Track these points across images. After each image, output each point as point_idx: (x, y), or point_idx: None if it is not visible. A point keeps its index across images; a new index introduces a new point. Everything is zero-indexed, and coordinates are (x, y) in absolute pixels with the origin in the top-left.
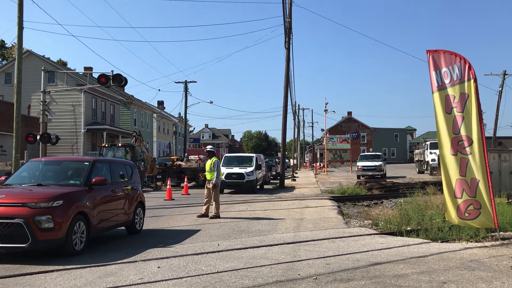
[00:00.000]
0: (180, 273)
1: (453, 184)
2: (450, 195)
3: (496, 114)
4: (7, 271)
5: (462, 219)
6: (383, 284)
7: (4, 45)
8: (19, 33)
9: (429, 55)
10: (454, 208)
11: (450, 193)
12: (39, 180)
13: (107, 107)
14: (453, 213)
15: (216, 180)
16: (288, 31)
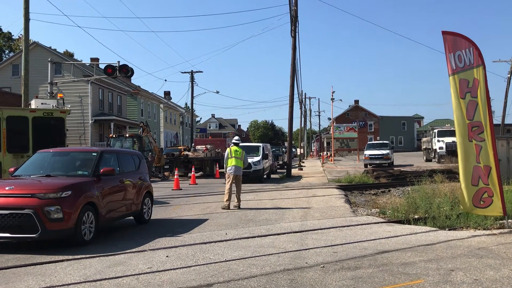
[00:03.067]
0: (188, 262)
1: (471, 172)
2: (466, 182)
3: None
4: (18, 261)
5: (476, 207)
6: (391, 272)
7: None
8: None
9: (445, 37)
10: (470, 196)
11: (467, 181)
12: (47, 171)
13: (114, 98)
14: (468, 202)
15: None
16: (294, 19)
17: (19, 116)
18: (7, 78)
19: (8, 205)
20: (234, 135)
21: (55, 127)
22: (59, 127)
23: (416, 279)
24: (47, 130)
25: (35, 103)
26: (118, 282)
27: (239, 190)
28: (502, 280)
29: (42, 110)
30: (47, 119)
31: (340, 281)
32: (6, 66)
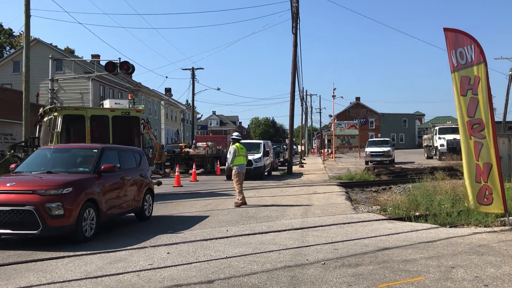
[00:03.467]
0: (189, 259)
1: (474, 169)
2: (470, 180)
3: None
4: (19, 257)
5: (481, 204)
6: (392, 269)
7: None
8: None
9: (446, 34)
10: (474, 193)
11: (472, 178)
12: (48, 168)
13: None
14: (473, 199)
15: (227, 165)
16: (295, 16)
17: (101, 115)
18: (8, 74)
19: (10, 201)
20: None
21: (131, 125)
22: (135, 125)
23: (417, 276)
24: (124, 127)
25: (110, 103)
26: (119, 279)
27: None
28: (503, 278)
29: (121, 110)
30: (124, 118)
31: (340, 277)
32: (7, 63)
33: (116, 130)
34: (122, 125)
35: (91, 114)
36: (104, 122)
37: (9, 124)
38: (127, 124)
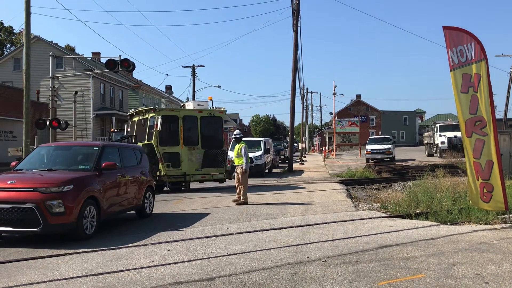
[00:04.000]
0: (190, 256)
1: (472, 167)
2: (472, 177)
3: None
4: (20, 254)
5: (483, 201)
6: (392, 266)
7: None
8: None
9: (446, 32)
10: (478, 190)
11: (472, 175)
12: (49, 165)
13: (115, 92)
14: (477, 196)
15: (245, 165)
16: (295, 13)
17: (191, 115)
18: (8, 72)
19: (10, 199)
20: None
21: (215, 124)
22: (219, 124)
23: (418, 274)
24: (210, 127)
25: (193, 105)
26: (120, 276)
27: None
28: (503, 275)
29: (207, 111)
30: (210, 118)
31: (341, 275)
32: (7, 60)
33: (203, 129)
34: (208, 124)
35: (183, 114)
36: (194, 121)
37: (10, 122)
38: (212, 123)
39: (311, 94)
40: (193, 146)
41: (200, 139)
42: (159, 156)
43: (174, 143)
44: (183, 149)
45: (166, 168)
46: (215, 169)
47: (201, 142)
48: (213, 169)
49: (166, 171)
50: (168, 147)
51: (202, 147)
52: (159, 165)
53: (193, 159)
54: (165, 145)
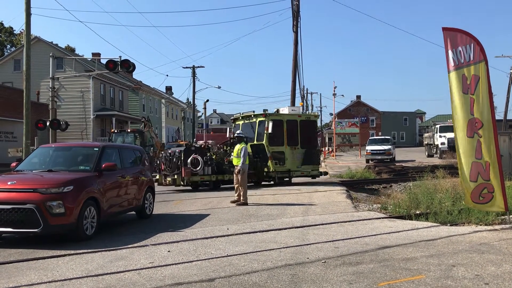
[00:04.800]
0: (190, 257)
1: (469, 167)
2: (464, 178)
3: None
4: (21, 255)
5: (476, 203)
6: (392, 267)
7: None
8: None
9: (445, 33)
10: (469, 192)
11: (465, 176)
12: (49, 166)
13: (115, 93)
14: (468, 197)
15: (242, 166)
16: (296, 14)
17: (293, 119)
18: (9, 73)
19: (11, 200)
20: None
21: (311, 127)
22: (314, 126)
23: (418, 275)
24: (307, 129)
25: (288, 110)
26: (120, 277)
27: None
28: (503, 276)
29: (305, 115)
30: (307, 121)
31: (341, 276)
32: (8, 61)
33: (302, 130)
34: (306, 127)
35: (286, 119)
36: (295, 124)
37: (10, 122)
38: (308, 126)
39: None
40: (294, 146)
41: (300, 140)
42: (269, 154)
43: (280, 143)
44: (287, 149)
45: (274, 165)
46: (311, 166)
47: (301, 142)
48: (310, 166)
49: (275, 168)
50: (275, 147)
51: (301, 147)
52: (268, 162)
53: (295, 158)
54: (273, 145)
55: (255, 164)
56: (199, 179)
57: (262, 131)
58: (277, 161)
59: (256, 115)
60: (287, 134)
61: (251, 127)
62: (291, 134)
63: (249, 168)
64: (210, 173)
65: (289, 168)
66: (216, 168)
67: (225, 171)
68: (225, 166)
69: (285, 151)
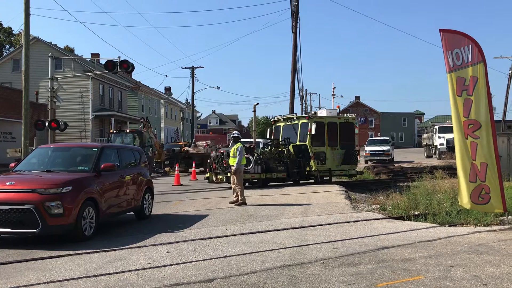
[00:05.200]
0: (188, 258)
1: (469, 168)
2: (465, 179)
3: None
4: (19, 256)
5: (475, 203)
6: (391, 268)
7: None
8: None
9: (442, 35)
10: (468, 192)
11: (465, 177)
12: (48, 167)
13: (114, 93)
14: (466, 198)
15: (235, 166)
16: (295, 15)
17: (333, 122)
18: (7, 73)
19: (9, 200)
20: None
21: (349, 128)
22: (352, 128)
23: (416, 275)
24: (346, 130)
25: (326, 112)
26: (119, 278)
27: None
28: (502, 277)
29: (344, 117)
30: (346, 123)
31: (340, 277)
32: (6, 61)
33: (341, 132)
34: (344, 128)
35: (327, 121)
36: (334, 126)
37: (9, 123)
38: (347, 128)
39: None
40: (334, 147)
41: (339, 141)
42: (312, 154)
43: (321, 144)
44: (328, 149)
45: (316, 165)
46: (349, 166)
47: (340, 143)
48: (348, 166)
49: (316, 167)
50: (317, 147)
51: (341, 148)
52: (310, 161)
53: (334, 158)
54: (315, 145)
55: (298, 163)
56: (250, 177)
57: (304, 132)
58: (319, 160)
59: (298, 117)
60: (328, 135)
61: (292, 129)
62: (331, 135)
63: (293, 167)
64: (260, 172)
65: (329, 168)
66: (264, 167)
67: (272, 170)
68: (272, 165)
69: (326, 151)
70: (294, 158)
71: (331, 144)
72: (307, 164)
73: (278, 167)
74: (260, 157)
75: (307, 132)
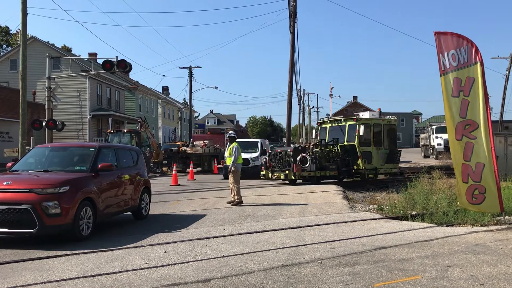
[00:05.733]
0: (186, 258)
1: (460, 169)
2: (459, 179)
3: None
4: (16, 256)
5: (470, 203)
6: (388, 268)
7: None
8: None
9: (437, 37)
10: (464, 192)
11: (459, 177)
12: (45, 166)
13: (112, 93)
14: (463, 197)
15: (231, 165)
16: (292, 15)
17: (378, 123)
18: (4, 73)
19: (6, 200)
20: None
21: (392, 130)
22: (394, 129)
23: (413, 275)
24: (389, 131)
25: (368, 114)
26: (116, 278)
27: None
28: (498, 277)
29: (387, 120)
30: (389, 125)
31: (337, 276)
32: (3, 61)
33: (385, 133)
34: (388, 130)
35: (373, 122)
36: (379, 127)
37: (6, 122)
38: (390, 129)
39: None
40: (379, 147)
41: (383, 141)
42: (359, 154)
43: (368, 144)
44: (373, 149)
45: (363, 163)
46: (392, 165)
47: (384, 143)
48: (391, 165)
49: (364, 166)
50: (364, 147)
51: (385, 148)
52: (358, 160)
53: (379, 157)
54: (362, 146)
55: (347, 162)
56: (306, 174)
57: (351, 133)
58: (365, 160)
59: (345, 119)
60: (374, 136)
61: (340, 130)
62: (376, 136)
63: (342, 165)
64: (315, 170)
65: (375, 166)
66: (318, 165)
67: (326, 168)
68: (324, 164)
69: (372, 151)
70: (343, 157)
71: (376, 144)
72: (354, 163)
73: (330, 165)
74: (314, 156)
75: (354, 133)
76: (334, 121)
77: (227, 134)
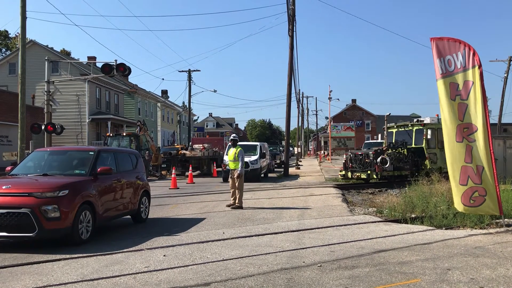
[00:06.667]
0: (185, 261)
1: (459, 171)
2: (454, 182)
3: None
4: (15, 260)
5: (467, 206)
6: (388, 271)
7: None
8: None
9: (433, 43)
10: (458, 196)
11: (455, 180)
12: (44, 170)
13: (111, 96)
14: (458, 201)
15: (240, 170)
16: (291, 19)
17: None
18: (3, 76)
19: (5, 204)
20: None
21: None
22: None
23: (413, 278)
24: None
25: (429, 119)
26: (115, 281)
27: None
28: (498, 279)
29: (417, 124)
30: (417, 130)
31: (337, 280)
32: (2, 65)
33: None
34: (417, 134)
35: (437, 127)
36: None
37: (5, 126)
38: (417, 134)
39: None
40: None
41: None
42: (427, 155)
43: (433, 146)
44: (437, 151)
45: (430, 164)
46: None
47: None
48: None
49: (430, 166)
50: (430, 149)
51: None
52: (425, 161)
53: (442, 158)
54: (428, 148)
55: (416, 162)
56: (386, 174)
57: (419, 137)
58: (431, 160)
59: (413, 124)
60: (437, 139)
61: (407, 134)
62: (440, 139)
63: (413, 166)
64: (392, 170)
65: (440, 166)
66: (395, 166)
67: (400, 168)
68: (398, 164)
69: (437, 153)
70: (413, 158)
71: (439, 146)
72: (422, 163)
73: (405, 166)
74: (392, 158)
75: (421, 136)
76: (401, 126)
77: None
